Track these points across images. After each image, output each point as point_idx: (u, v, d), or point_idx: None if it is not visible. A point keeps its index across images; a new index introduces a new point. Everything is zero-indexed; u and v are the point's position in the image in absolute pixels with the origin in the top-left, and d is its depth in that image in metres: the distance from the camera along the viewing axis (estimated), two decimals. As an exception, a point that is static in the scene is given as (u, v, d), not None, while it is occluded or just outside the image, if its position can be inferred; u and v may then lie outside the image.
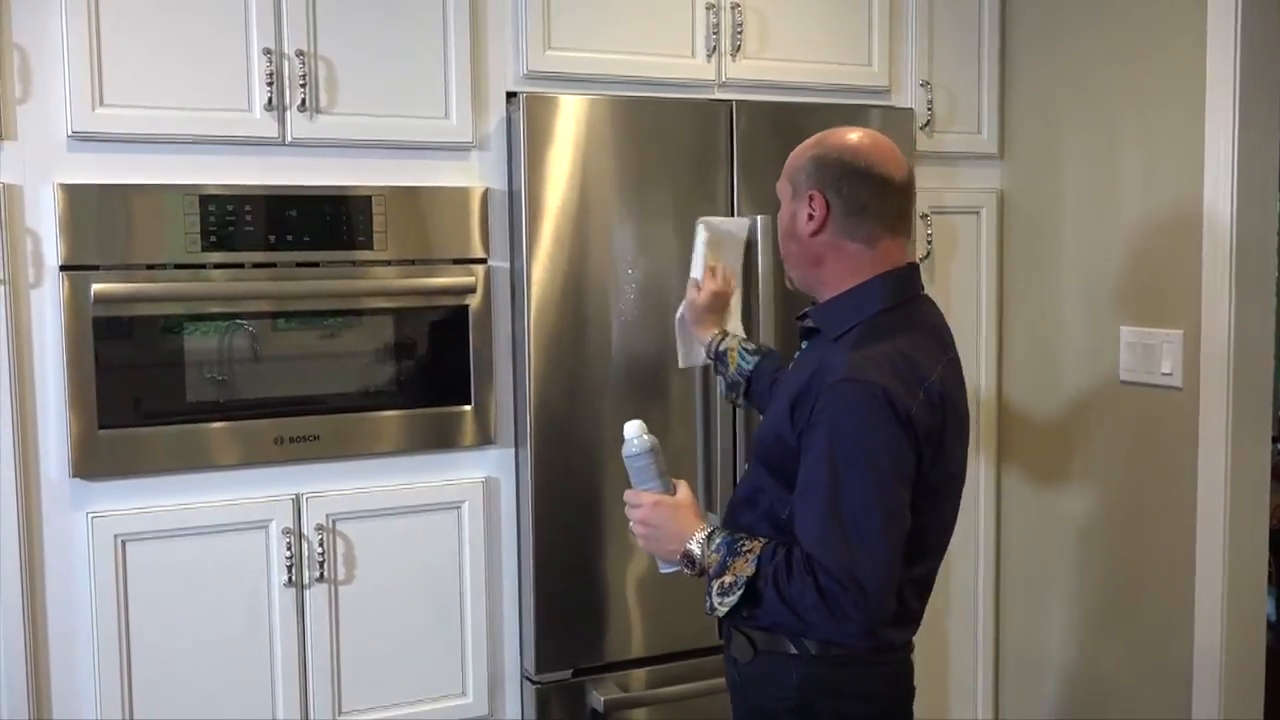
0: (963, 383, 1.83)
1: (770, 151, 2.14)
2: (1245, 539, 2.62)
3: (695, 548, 1.76)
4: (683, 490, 1.85)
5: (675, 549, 1.78)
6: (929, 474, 1.73)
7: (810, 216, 1.79)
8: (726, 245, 2.50)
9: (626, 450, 1.85)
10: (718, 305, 2.37)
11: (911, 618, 1.85)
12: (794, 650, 1.77)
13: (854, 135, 1.80)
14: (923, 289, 1.86)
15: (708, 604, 1.75)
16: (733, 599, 1.71)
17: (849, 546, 1.63)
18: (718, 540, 1.75)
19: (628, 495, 1.86)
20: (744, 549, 1.73)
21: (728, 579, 1.72)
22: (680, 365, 2.46)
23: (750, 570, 1.70)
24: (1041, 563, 3.12)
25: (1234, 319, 2.57)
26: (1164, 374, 2.72)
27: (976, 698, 3.24)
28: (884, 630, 1.74)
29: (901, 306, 1.79)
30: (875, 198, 1.76)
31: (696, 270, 2.40)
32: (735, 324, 2.48)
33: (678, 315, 2.42)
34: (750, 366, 2.23)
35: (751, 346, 2.27)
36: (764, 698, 1.82)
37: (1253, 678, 2.67)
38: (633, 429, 1.84)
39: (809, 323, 1.87)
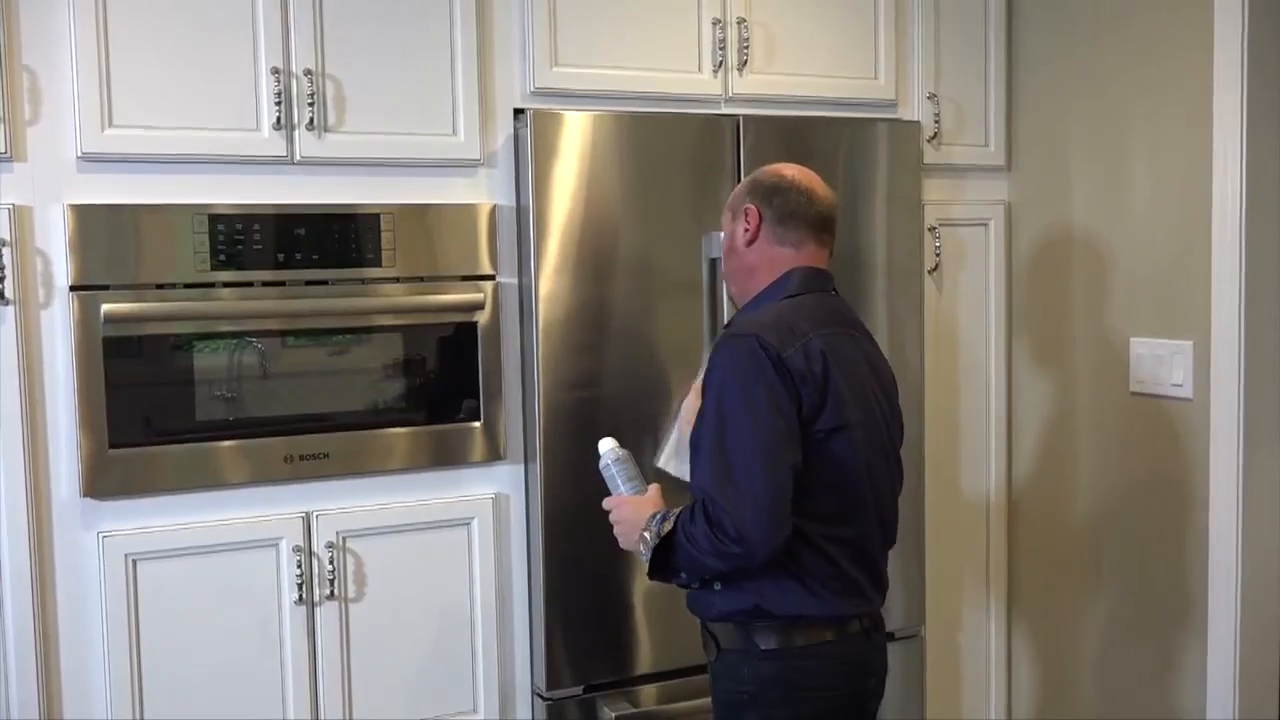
0: (862, 351, 2.02)
1: (777, 166, 2.17)
2: (1259, 550, 2.61)
3: (645, 532, 1.95)
4: (651, 490, 2.05)
5: (637, 538, 1.97)
6: (817, 419, 1.88)
7: (746, 229, 2.03)
8: None
9: (600, 464, 2.09)
10: None
11: (852, 586, 1.96)
12: (746, 647, 1.95)
13: (784, 167, 2.07)
14: (834, 290, 2.06)
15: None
16: (649, 553, 1.91)
17: (730, 474, 1.83)
18: (657, 517, 1.95)
19: (605, 502, 2.08)
20: (670, 515, 1.93)
21: (659, 542, 1.92)
22: (657, 464, 2.46)
23: (669, 526, 1.90)
24: (1053, 574, 3.11)
25: (1244, 329, 2.56)
26: (1174, 385, 2.71)
27: (989, 713, 3.22)
28: (823, 592, 1.90)
29: (806, 294, 1.99)
30: (801, 205, 2.01)
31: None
32: None
33: (680, 409, 2.40)
34: None
35: None
36: (726, 691, 2.01)
37: (1267, 689, 2.65)
38: (604, 445, 2.10)
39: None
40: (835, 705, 1.96)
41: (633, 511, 2.01)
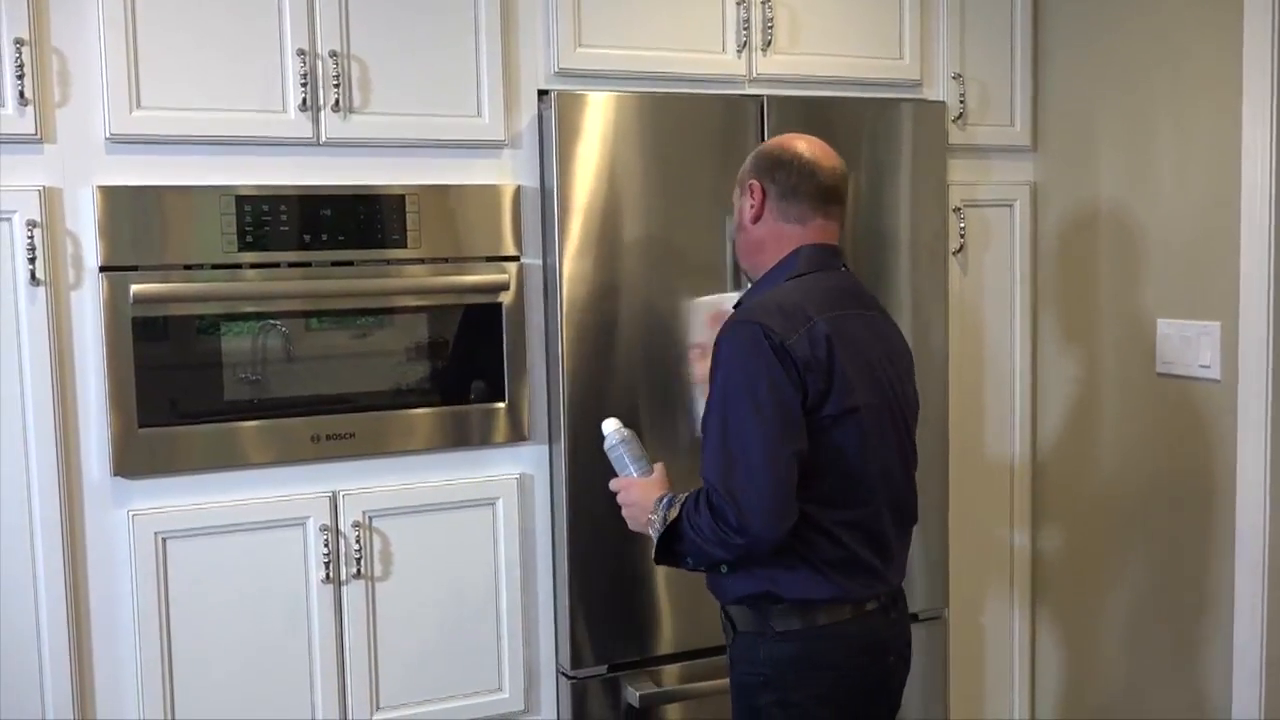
0: (875, 332, 2.00)
1: (802, 146, 2.17)
2: (1286, 532, 2.60)
3: (652, 515, 1.94)
4: (656, 470, 2.05)
5: (644, 520, 1.97)
6: (823, 405, 1.87)
7: (752, 205, 2.01)
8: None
9: (605, 445, 2.09)
10: None
11: (862, 568, 1.95)
12: (762, 629, 1.94)
13: (789, 138, 2.03)
14: (844, 266, 2.04)
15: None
16: (654, 539, 1.92)
17: (733, 465, 1.82)
18: (664, 501, 1.95)
19: (612, 483, 2.08)
20: (677, 501, 1.92)
21: (665, 530, 1.92)
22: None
23: (675, 513, 1.90)
24: (1077, 557, 3.10)
25: (1273, 310, 2.54)
26: (1202, 366, 2.70)
27: (1013, 696, 3.22)
28: (833, 575, 1.90)
29: (814, 273, 1.97)
30: (804, 180, 1.97)
31: (693, 337, 2.53)
32: None
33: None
34: None
35: None
36: (743, 674, 2.00)
37: (1294, 673, 2.64)
38: (608, 426, 2.10)
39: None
40: (854, 684, 1.96)
41: (641, 494, 2.00)
